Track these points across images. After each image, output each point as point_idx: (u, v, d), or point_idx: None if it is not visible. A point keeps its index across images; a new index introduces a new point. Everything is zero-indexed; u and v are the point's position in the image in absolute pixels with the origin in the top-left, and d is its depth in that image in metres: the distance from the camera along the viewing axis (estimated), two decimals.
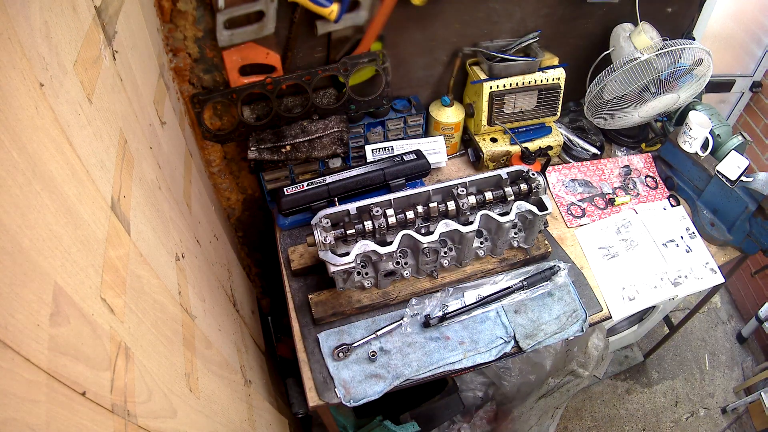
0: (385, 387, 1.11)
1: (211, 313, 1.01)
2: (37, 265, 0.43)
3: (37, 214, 0.45)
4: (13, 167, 0.43)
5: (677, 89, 1.45)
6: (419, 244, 1.15)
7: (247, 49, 1.23)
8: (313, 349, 1.17)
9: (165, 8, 1.09)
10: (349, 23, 1.26)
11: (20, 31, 0.48)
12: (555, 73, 1.49)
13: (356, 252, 1.10)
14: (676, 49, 1.34)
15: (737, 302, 2.58)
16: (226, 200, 1.60)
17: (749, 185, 1.35)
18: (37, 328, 0.41)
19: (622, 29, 1.50)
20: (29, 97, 0.48)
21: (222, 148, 1.43)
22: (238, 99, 1.28)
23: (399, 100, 1.52)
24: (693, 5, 1.61)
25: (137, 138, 0.80)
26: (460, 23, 1.41)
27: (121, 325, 0.57)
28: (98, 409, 0.48)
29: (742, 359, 2.40)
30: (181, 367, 0.74)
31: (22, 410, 0.38)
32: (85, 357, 0.48)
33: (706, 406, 2.24)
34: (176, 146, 1.10)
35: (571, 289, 1.29)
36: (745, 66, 2.15)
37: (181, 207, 1.00)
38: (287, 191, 1.30)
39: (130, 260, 0.64)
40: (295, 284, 1.29)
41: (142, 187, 0.77)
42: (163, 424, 0.63)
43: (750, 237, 1.41)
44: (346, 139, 1.38)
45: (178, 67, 1.21)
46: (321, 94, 1.39)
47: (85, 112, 0.61)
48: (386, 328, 1.19)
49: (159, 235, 0.79)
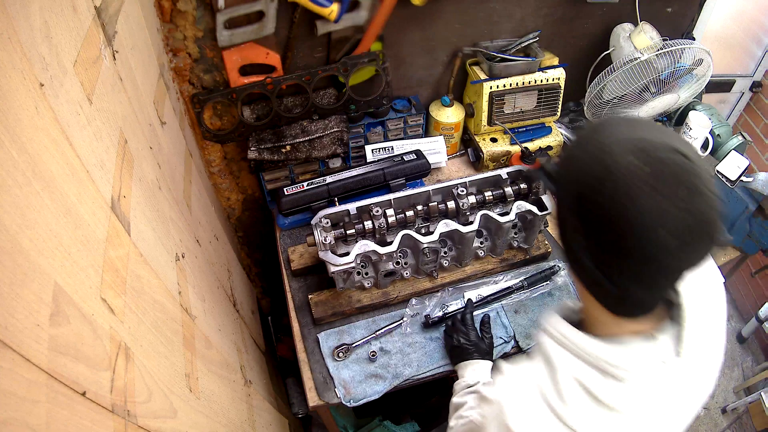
0: (385, 387, 1.11)
1: (211, 313, 1.01)
2: (37, 265, 0.43)
3: (37, 214, 0.45)
4: (13, 167, 0.43)
5: (677, 89, 1.45)
6: (419, 244, 1.15)
7: (247, 49, 1.23)
8: (313, 349, 1.17)
9: (165, 8, 1.09)
10: (349, 23, 1.26)
11: (20, 31, 0.48)
12: (555, 73, 1.49)
13: (356, 252, 1.10)
14: (676, 49, 1.34)
15: (737, 302, 2.58)
16: (226, 200, 1.60)
17: (749, 185, 1.35)
18: (37, 328, 0.41)
19: (622, 29, 1.50)
20: (29, 97, 0.48)
21: (222, 148, 1.43)
22: (238, 99, 1.28)
23: (399, 100, 1.52)
24: (693, 5, 1.61)
25: (137, 138, 0.80)
26: (460, 23, 1.41)
27: (121, 325, 0.57)
28: (98, 409, 0.48)
29: (742, 359, 2.40)
30: (181, 367, 0.74)
31: (22, 410, 0.38)
32: (85, 357, 0.48)
33: (706, 406, 2.24)
34: (176, 146, 1.10)
35: (571, 289, 1.29)
36: (745, 66, 2.15)
37: (181, 207, 1.00)
38: (287, 191, 1.30)
39: (130, 260, 0.64)
40: (295, 284, 1.29)
41: (142, 187, 0.77)
42: (163, 424, 0.63)
43: (750, 237, 1.41)
44: (346, 139, 1.38)
45: (178, 67, 1.21)
46: (321, 94, 1.39)
47: (85, 112, 0.61)
48: (386, 328, 1.19)
49: (159, 235, 0.79)
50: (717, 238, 0.53)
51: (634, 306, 0.60)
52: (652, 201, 0.50)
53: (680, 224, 0.50)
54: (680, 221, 0.50)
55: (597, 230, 0.55)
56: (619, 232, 0.53)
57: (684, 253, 0.52)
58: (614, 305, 0.61)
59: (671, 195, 0.50)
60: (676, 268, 0.54)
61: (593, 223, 0.56)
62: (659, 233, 0.51)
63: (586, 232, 0.57)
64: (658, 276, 0.55)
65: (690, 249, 0.52)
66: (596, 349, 0.61)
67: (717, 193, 0.52)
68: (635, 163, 0.51)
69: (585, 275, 0.62)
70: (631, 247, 0.53)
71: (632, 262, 0.54)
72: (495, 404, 0.66)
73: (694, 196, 0.51)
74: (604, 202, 0.53)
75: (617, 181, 0.52)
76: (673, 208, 0.50)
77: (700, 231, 0.51)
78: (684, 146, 0.53)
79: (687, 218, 0.50)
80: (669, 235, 0.50)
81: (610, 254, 0.56)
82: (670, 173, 0.51)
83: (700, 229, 0.51)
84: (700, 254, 0.53)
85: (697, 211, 0.51)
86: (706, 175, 0.52)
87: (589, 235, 0.57)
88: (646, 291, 0.57)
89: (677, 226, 0.50)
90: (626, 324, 0.62)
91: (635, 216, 0.51)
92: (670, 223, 0.50)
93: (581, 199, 0.56)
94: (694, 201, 0.51)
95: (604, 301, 0.62)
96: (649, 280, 0.55)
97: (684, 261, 0.53)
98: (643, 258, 0.53)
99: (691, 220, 0.50)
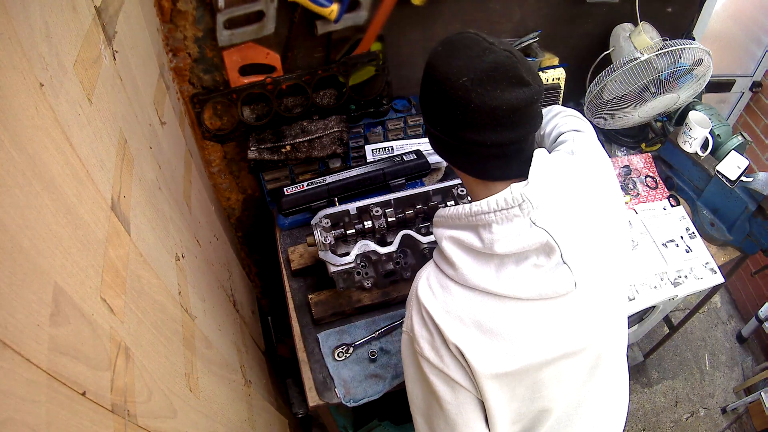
0: (385, 387, 1.11)
1: (211, 313, 1.01)
2: (37, 265, 0.43)
3: (37, 214, 0.45)
4: (13, 167, 0.43)
5: (677, 89, 1.45)
6: (419, 244, 1.15)
7: (247, 49, 1.23)
8: (313, 349, 1.17)
9: (165, 8, 1.09)
10: (349, 23, 1.26)
11: (20, 31, 0.48)
12: (555, 73, 1.49)
13: (356, 252, 1.10)
14: (676, 49, 1.34)
15: (737, 302, 2.58)
16: (226, 200, 1.60)
17: (749, 185, 1.35)
18: (37, 328, 0.41)
19: (622, 29, 1.50)
20: (29, 97, 0.48)
21: (222, 148, 1.43)
22: (238, 99, 1.28)
23: (399, 100, 1.52)
24: (693, 5, 1.61)
25: (137, 138, 0.80)
26: (460, 23, 1.41)
27: (121, 325, 0.57)
28: (98, 409, 0.48)
29: (742, 359, 2.40)
30: (181, 367, 0.74)
31: (22, 410, 0.38)
32: (85, 357, 0.48)
33: (706, 406, 2.24)
34: (176, 146, 1.10)
35: None
36: (745, 66, 2.15)
37: (181, 207, 1.00)
38: (287, 191, 1.30)
39: (130, 260, 0.64)
40: (295, 284, 1.29)
41: (142, 187, 0.77)
42: (163, 424, 0.63)
43: (750, 237, 1.41)
44: (346, 139, 1.38)
45: (178, 67, 1.21)
46: (321, 94, 1.39)
47: (85, 112, 0.61)
48: (386, 328, 1.19)
49: (159, 235, 0.79)
50: (522, 79, 0.66)
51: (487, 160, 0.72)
52: (447, 62, 0.69)
53: (473, 71, 0.66)
54: (471, 69, 0.66)
55: (427, 100, 0.74)
56: (432, 90, 0.71)
57: (482, 89, 0.65)
58: (474, 168, 0.74)
59: (460, 55, 0.68)
60: (483, 103, 0.66)
61: (424, 97, 0.75)
62: (452, 79, 0.67)
63: (424, 107, 0.76)
64: (474, 114, 0.67)
65: (487, 86, 0.65)
66: (461, 210, 0.72)
67: (508, 50, 0.68)
68: (436, 47, 0.73)
69: (440, 146, 0.77)
70: (442, 95, 0.69)
71: (448, 107, 0.69)
72: (413, 297, 0.77)
73: (483, 52, 0.67)
74: (427, 81, 0.73)
75: (428, 63, 0.73)
76: (462, 61, 0.67)
77: (491, 72, 0.66)
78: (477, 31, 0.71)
79: (478, 65, 0.66)
80: (461, 77, 0.66)
81: (436, 111, 0.72)
82: (459, 43, 0.70)
83: (491, 70, 0.66)
84: (504, 91, 0.66)
85: (486, 60, 0.66)
86: (494, 41, 0.69)
87: (425, 107, 0.75)
88: (476, 132, 0.68)
89: (466, 70, 0.66)
90: (494, 187, 0.72)
91: (437, 74, 0.70)
92: (464, 71, 0.66)
93: (420, 89, 0.76)
94: (481, 55, 0.67)
95: (464, 167, 0.76)
96: (467, 118, 0.68)
97: (487, 97, 0.66)
98: (451, 100, 0.68)
99: (481, 65, 0.66)
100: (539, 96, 0.69)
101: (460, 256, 0.71)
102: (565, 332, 0.72)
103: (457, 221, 0.73)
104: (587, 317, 0.74)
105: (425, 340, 0.72)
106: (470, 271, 0.70)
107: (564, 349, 0.73)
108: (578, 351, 0.74)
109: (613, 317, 0.79)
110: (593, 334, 0.75)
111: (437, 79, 0.70)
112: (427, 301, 0.72)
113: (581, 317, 0.73)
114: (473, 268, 0.70)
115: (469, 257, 0.71)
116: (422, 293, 0.74)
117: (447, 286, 0.72)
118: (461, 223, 0.72)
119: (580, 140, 0.84)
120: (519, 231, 0.68)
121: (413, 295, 0.76)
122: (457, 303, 0.71)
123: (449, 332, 0.70)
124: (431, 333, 0.72)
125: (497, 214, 0.68)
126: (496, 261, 0.69)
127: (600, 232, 0.75)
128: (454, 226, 0.74)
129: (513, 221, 0.68)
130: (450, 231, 0.74)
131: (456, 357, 0.70)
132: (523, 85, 0.66)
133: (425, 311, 0.72)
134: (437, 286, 0.73)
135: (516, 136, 0.69)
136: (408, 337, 0.77)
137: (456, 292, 0.71)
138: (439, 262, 0.75)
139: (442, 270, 0.74)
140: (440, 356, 0.71)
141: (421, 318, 0.73)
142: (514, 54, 0.68)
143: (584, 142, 0.84)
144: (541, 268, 0.69)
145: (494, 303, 0.70)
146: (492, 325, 0.69)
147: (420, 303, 0.73)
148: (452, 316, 0.70)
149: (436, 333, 0.71)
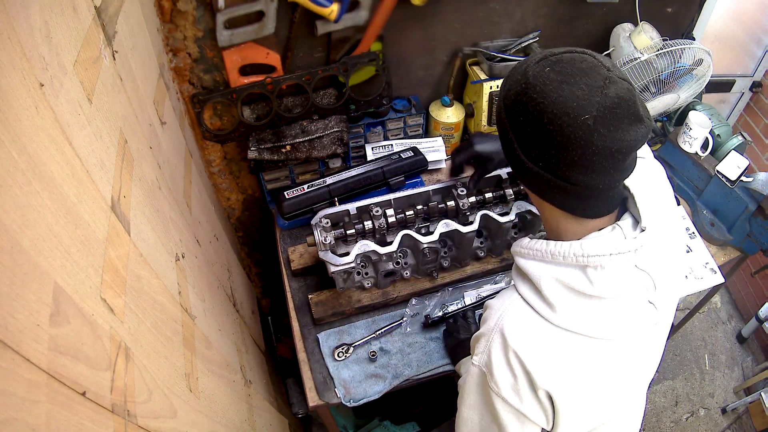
0: (385, 387, 1.11)
1: (211, 313, 1.01)
2: (37, 265, 0.43)
3: (37, 214, 0.45)
4: (13, 167, 0.43)
5: (677, 89, 1.45)
6: (419, 244, 1.15)
7: (247, 49, 1.23)
8: (313, 349, 1.17)
9: (165, 8, 1.09)
10: (349, 23, 1.26)
11: (20, 31, 0.48)
12: None
13: (356, 252, 1.10)
14: (676, 49, 1.34)
15: (737, 302, 2.58)
16: (226, 200, 1.60)
17: (749, 185, 1.35)
18: (37, 328, 0.41)
19: (622, 29, 1.50)
20: (29, 97, 0.48)
21: (222, 148, 1.43)
22: (238, 99, 1.28)
23: (399, 100, 1.52)
24: (693, 5, 1.61)
25: (137, 138, 0.80)
26: (460, 23, 1.40)
27: (121, 325, 0.57)
28: (98, 409, 0.48)
29: (742, 359, 2.40)
30: (181, 367, 0.74)
31: (22, 410, 0.38)
32: (85, 357, 0.48)
33: (706, 406, 2.24)
34: (176, 146, 1.10)
35: None
36: (745, 66, 2.15)
37: (181, 207, 1.00)
38: (288, 194, 1.29)
39: (130, 260, 0.64)
40: (295, 284, 1.29)
41: (142, 187, 0.77)
42: (163, 424, 0.63)
43: (750, 237, 1.41)
44: (346, 139, 1.38)
45: (178, 67, 1.21)
46: (321, 94, 1.39)
47: (85, 112, 0.61)
48: (386, 328, 1.19)
49: (159, 235, 0.79)
50: (640, 116, 0.59)
51: (588, 200, 0.65)
52: (560, 90, 0.59)
53: (596, 107, 0.57)
54: (595, 104, 0.57)
55: (527, 131, 0.63)
56: (542, 123, 0.60)
57: (604, 129, 0.58)
58: (571, 205, 0.67)
59: (580, 84, 0.58)
60: (605, 146, 0.59)
61: (524, 126, 0.63)
62: (571, 114, 0.58)
63: (521, 138, 0.65)
64: (592, 157, 0.59)
65: (610, 126, 0.58)
66: (570, 248, 0.66)
67: (625, 78, 0.60)
68: (543, 66, 0.62)
69: (535, 181, 0.67)
70: (555, 133, 0.59)
71: (561, 147, 0.60)
72: (495, 333, 0.70)
73: (604, 82, 0.58)
74: (527, 104, 0.62)
75: (529, 84, 0.61)
76: (580, 91, 0.58)
77: (614, 109, 0.58)
78: (587, 50, 0.63)
79: (598, 98, 0.58)
80: (583, 114, 0.58)
81: (542, 148, 0.62)
82: (574, 67, 0.60)
83: (615, 106, 0.58)
84: (625, 132, 0.59)
85: (610, 93, 0.58)
86: (610, 65, 0.61)
87: (523, 138, 0.64)
88: (588, 175, 0.61)
89: (589, 106, 0.58)
90: (588, 223, 0.68)
91: (549, 105, 0.59)
92: (587, 107, 0.57)
93: (510, 111, 0.65)
94: (603, 87, 0.58)
95: (561, 203, 0.67)
96: (584, 161, 0.60)
97: (609, 138, 0.58)
98: (567, 140, 0.59)
99: (604, 100, 0.58)
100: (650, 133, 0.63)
101: (563, 298, 0.66)
102: (636, 371, 0.72)
103: (560, 259, 0.67)
104: (650, 355, 0.74)
105: (507, 383, 0.68)
106: (572, 314, 0.66)
107: (633, 388, 0.73)
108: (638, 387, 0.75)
109: (660, 351, 0.78)
110: (651, 368, 0.76)
111: (551, 112, 0.59)
112: (517, 344, 0.67)
113: (648, 355, 0.73)
114: (575, 311, 0.66)
115: (572, 299, 0.66)
116: (511, 334, 0.68)
117: (542, 327, 0.67)
118: (565, 262, 0.67)
119: (650, 170, 0.81)
120: (626, 274, 0.65)
121: (496, 332, 0.70)
122: (554, 347, 0.67)
123: (541, 378, 0.65)
124: (516, 376, 0.67)
125: (613, 257, 0.64)
126: (596, 302, 0.66)
127: (673, 269, 0.74)
128: (554, 263, 0.68)
129: (622, 264, 0.65)
130: (551, 269, 0.67)
131: (541, 401, 0.67)
132: (641, 123, 0.60)
133: (514, 354, 0.67)
134: (531, 328, 0.68)
135: (625, 177, 0.65)
136: (480, 371, 0.72)
137: (552, 335, 0.67)
138: (532, 301, 0.69)
139: (535, 309, 0.68)
140: (521, 398, 0.67)
141: (505, 359, 0.68)
142: (631, 83, 0.61)
143: (653, 172, 0.82)
144: (635, 309, 0.67)
145: (589, 345, 0.67)
146: (587, 369, 0.67)
147: (506, 344, 0.68)
148: (547, 361, 0.66)
149: (523, 377, 0.67)
